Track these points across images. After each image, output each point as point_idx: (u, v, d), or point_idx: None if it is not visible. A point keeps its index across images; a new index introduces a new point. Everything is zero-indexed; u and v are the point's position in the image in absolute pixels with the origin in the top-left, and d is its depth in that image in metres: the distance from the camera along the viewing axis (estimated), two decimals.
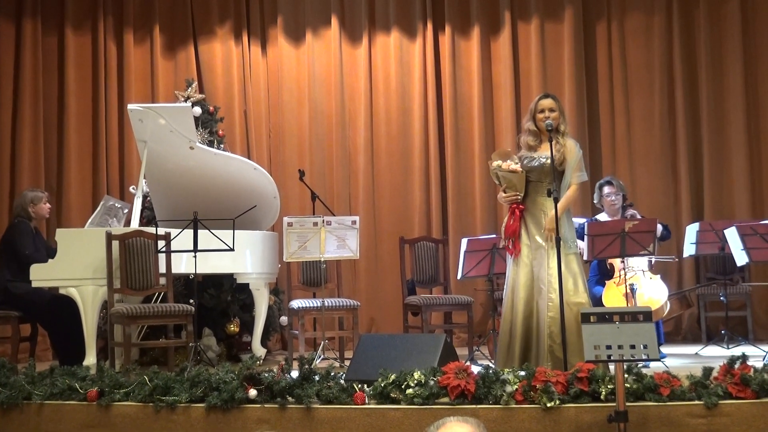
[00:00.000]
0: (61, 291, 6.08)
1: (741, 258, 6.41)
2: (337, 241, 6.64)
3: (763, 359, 5.82)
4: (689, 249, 7.16)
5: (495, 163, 5.35)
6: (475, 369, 4.45)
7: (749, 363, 4.29)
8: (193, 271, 6.03)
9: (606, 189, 6.87)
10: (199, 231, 5.95)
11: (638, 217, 6.57)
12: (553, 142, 5.12)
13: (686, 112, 8.32)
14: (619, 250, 6.03)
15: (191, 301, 6.08)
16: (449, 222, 8.40)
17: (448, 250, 7.59)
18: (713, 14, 8.36)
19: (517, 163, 5.31)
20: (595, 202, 7.08)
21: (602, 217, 6.88)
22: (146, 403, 4.51)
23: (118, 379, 4.67)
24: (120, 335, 6.12)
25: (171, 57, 8.54)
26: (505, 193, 5.36)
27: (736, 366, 4.25)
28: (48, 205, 6.85)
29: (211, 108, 7.66)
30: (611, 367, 4.39)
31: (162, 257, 6.11)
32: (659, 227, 6.70)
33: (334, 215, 7.02)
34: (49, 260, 6.20)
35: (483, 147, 8.31)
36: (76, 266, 6.05)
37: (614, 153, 8.43)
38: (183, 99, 7.45)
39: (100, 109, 8.32)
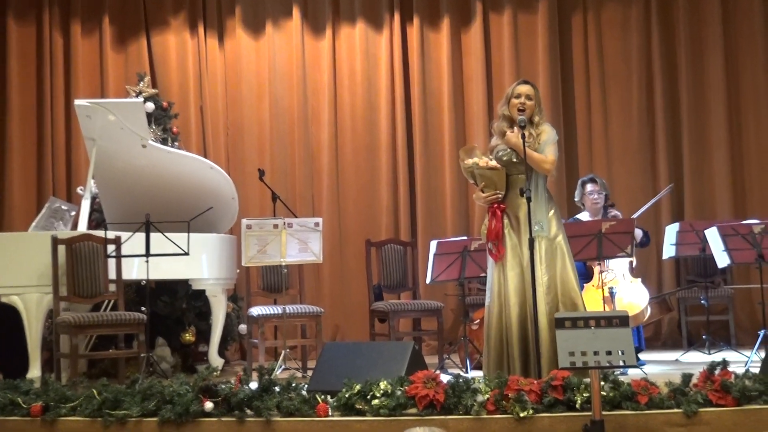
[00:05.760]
0: (3, 299, 6.02)
1: (722, 259, 6.48)
2: (299, 244, 6.63)
3: (745, 365, 5.89)
4: (669, 250, 7.22)
5: (471, 161, 5.13)
6: (446, 378, 4.46)
7: (730, 369, 4.33)
8: (146, 277, 6.03)
9: (589, 186, 6.88)
10: (152, 234, 5.95)
11: (620, 217, 6.60)
12: (527, 133, 4.97)
13: (665, 106, 8.40)
14: (596, 251, 6.06)
15: (143, 308, 6.05)
16: (418, 223, 8.42)
17: (417, 253, 7.59)
18: (692, 5, 8.46)
19: (492, 160, 5.14)
20: (576, 199, 7.08)
21: (583, 216, 6.89)
22: (95, 417, 4.47)
23: (65, 393, 4.63)
24: (67, 346, 6.05)
25: (122, 49, 8.49)
26: (483, 192, 5.13)
27: (717, 372, 4.28)
28: None
29: (165, 103, 7.64)
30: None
31: (112, 262, 6.08)
32: (639, 232, 6.75)
33: (296, 217, 7.01)
34: None
35: (453, 143, 8.33)
36: (18, 273, 5.99)
37: (591, 149, 8.49)
38: (135, 94, 7.43)
39: (46, 104, 8.26)
